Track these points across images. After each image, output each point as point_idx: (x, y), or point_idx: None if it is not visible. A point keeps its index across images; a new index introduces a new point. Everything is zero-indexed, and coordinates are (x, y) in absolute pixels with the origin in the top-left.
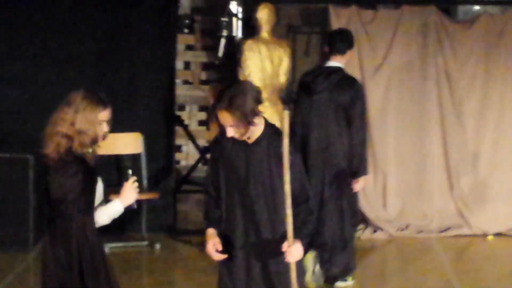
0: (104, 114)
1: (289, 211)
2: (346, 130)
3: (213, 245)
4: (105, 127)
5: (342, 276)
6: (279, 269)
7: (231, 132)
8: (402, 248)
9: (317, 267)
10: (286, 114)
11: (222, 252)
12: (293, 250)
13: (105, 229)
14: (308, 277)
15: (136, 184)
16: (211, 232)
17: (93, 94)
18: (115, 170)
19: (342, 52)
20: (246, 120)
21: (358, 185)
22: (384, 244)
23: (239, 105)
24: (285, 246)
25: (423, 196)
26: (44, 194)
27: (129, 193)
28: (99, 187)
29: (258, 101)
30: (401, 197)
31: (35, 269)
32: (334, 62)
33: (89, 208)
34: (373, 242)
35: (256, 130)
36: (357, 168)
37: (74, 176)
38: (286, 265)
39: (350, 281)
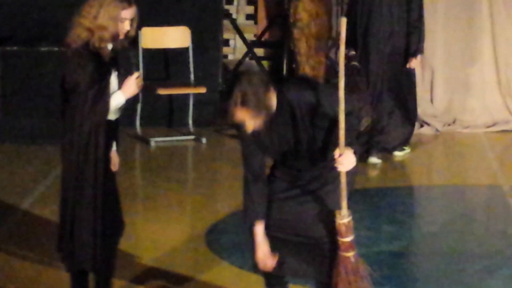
0: (128, 12)
1: (341, 116)
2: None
3: (263, 254)
4: (127, 25)
5: (400, 146)
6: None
7: (251, 126)
8: (449, 143)
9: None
10: (344, 21)
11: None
12: (344, 158)
13: (152, 123)
14: None
15: (140, 78)
16: (259, 232)
17: None
18: (163, 63)
19: None
20: (262, 110)
21: (415, 63)
22: (430, 139)
23: (251, 100)
24: (336, 154)
25: (470, 90)
26: (60, 84)
27: (131, 86)
28: (113, 81)
29: (268, 86)
30: (448, 91)
31: None
32: None
33: (100, 99)
34: (420, 137)
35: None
36: (416, 46)
37: (85, 67)
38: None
39: (407, 150)
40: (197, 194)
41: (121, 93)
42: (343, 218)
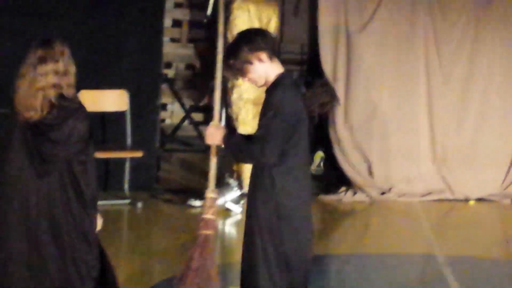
0: None
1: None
2: None
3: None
4: None
5: None
6: None
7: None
8: (384, 211)
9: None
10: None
11: None
12: (210, 130)
13: None
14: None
15: None
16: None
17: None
18: (100, 127)
19: None
20: (237, 68)
21: None
22: (366, 207)
23: (230, 54)
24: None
25: (406, 159)
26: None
27: None
28: None
29: (256, 47)
30: (384, 160)
31: None
32: None
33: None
34: (355, 205)
35: (270, 78)
36: None
37: (87, 117)
38: None
39: None
40: (131, 259)
41: None
42: (209, 193)
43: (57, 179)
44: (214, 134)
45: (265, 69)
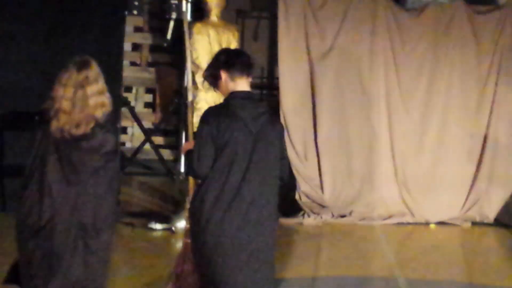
0: None
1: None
2: None
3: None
4: None
5: None
6: None
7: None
8: (345, 234)
9: None
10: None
11: None
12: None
13: None
14: None
15: None
16: None
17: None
18: None
19: None
20: (208, 81)
21: None
22: (326, 231)
23: (207, 67)
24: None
25: (367, 183)
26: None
27: None
28: None
29: (219, 66)
30: (345, 183)
31: None
32: None
33: None
34: (316, 228)
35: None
36: None
37: (117, 130)
38: None
39: None
40: None
41: None
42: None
43: (86, 188)
44: (185, 146)
45: (226, 85)
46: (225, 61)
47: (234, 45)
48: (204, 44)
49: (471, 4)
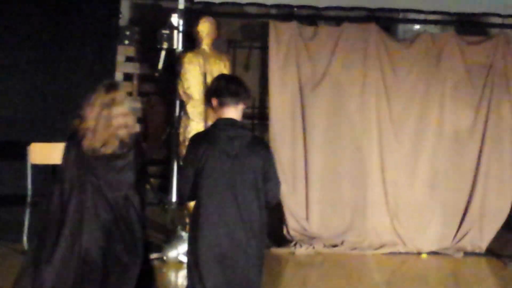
0: None
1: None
2: None
3: None
4: None
5: None
6: None
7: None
8: (336, 264)
9: None
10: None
11: None
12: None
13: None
14: None
15: None
16: None
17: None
18: (52, 179)
19: None
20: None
21: None
22: (318, 260)
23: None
24: None
25: (358, 213)
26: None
27: None
28: None
29: (210, 92)
30: (337, 213)
31: None
32: None
33: None
34: (307, 258)
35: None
36: None
37: (145, 151)
38: None
39: None
40: None
41: None
42: None
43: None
44: None
45: (216, 112)
46: (215, 88)
47: None
48: (195, 74)
49: (462, 34)
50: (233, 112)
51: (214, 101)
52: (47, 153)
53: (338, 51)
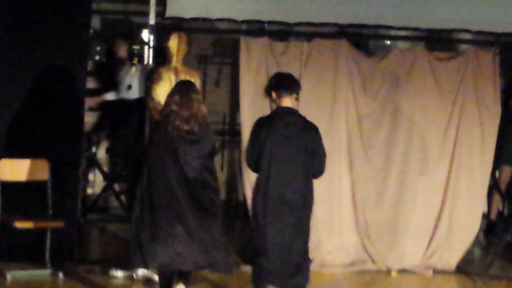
0: None
1: None
2: None
3: None
4: None
5: None
6: None
7: None
8: None
9: None
10: None
11: None
12: None
13: (9, 256)
14: None
15: None
16: None
17: None
18: (21, 196)
19: None
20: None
21: None
22: None
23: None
24: None
25: (328, 230)
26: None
27: None
28: None
29: (269, 86)
30: None
31: None
32: None
33: None
34: None
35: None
36: None
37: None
38: None
39: None
40: None
41: None
42: None
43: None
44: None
45: (275, 102)
46: (273, 83)
47: None
48: (166, 90)
49: (432, 50)
50: (289, 101)
51: (274, 94)
52: (16, 169)
53: (309, 67)
